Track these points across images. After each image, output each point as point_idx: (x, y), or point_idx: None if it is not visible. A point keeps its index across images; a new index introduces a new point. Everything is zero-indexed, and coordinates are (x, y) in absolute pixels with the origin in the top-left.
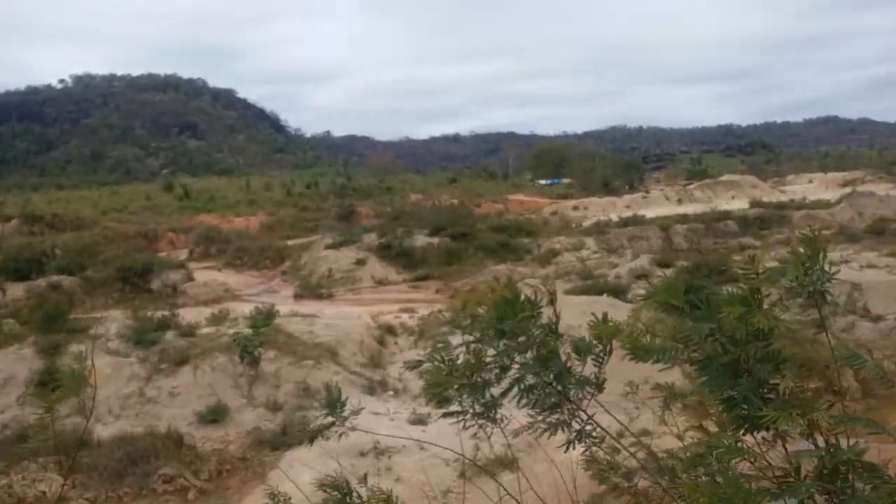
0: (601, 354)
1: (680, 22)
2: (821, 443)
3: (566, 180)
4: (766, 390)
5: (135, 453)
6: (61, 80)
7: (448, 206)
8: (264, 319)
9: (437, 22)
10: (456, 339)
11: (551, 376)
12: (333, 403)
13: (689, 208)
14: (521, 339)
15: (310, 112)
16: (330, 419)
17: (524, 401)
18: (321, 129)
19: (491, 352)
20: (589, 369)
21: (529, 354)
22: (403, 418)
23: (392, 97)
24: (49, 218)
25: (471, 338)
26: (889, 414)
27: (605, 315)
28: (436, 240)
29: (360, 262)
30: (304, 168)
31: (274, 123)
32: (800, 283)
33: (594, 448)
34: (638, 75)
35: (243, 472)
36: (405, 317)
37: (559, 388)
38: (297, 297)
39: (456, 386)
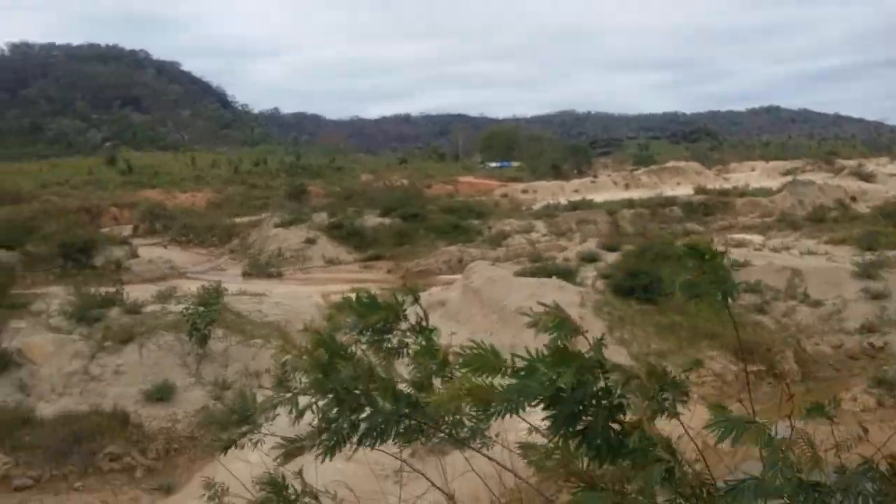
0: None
1: (625, 9)
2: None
3: (515, 163)
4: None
5: (80, 432)
6: None
7: (399, 187)
8: (213, 297)
9: None
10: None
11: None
12: (245, 412)
13: (635, 193)
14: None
15: (257, 88)
16: (245, 427)
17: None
18: (269, 105)
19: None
20: None
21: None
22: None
23: (341, 75)
24: None
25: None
26: (826, 397)
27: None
28: (387, 220)
29: (311, 242)
30: (252, 145)
31: (220, 98)
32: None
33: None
34: (585, 60)
35: (191, 450)
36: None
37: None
38: (246, 275)
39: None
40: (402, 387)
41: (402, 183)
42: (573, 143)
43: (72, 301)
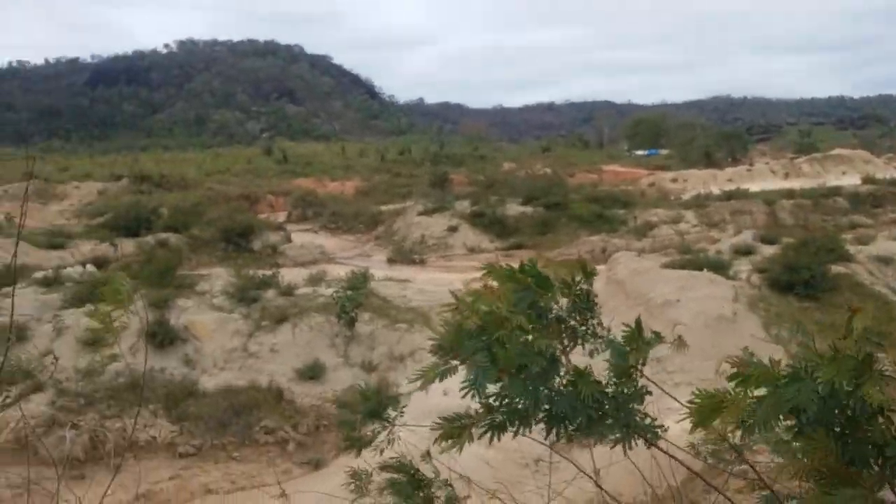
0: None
1: None
2: None
3: (664, 151)
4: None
5: (238, 405)
6: (166, 45)
7: (541, 176)
8: (360, 282)
9: None
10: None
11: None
12: (375, 411)
13: (796, 183)
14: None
15: (403, 78)
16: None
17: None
18: (414, 95)
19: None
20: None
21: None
22: None
23: (484, 64)
24: (156, 178)
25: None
26: None
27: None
28: (529, 209)
29: (453, 230)
30: (398, 135)
31: (369, 90)
32: None
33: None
34: (741, 43)
35: (340, 428)
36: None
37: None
38: (391, 261)
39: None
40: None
41: (545, 171)
42: (727, 129)
43: (233, 282)
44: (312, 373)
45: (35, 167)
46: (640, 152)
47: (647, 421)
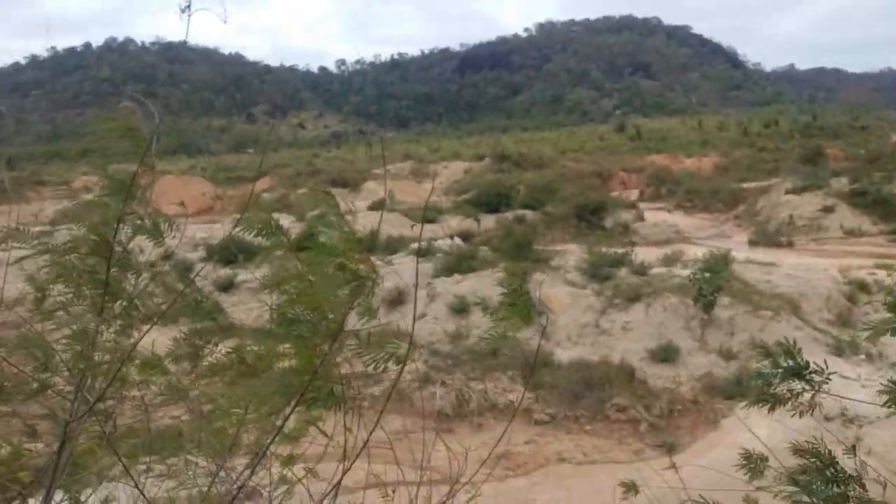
0: None
1: None
2: None
3: None
4: None
5: (590, 379)
6: (526, 29)
7: None
8: (720, 264)
9: None
10: None
11: None
12: (798, 370)
13: None
14: None
15: (771, 44)
16: (797, 385)
17: None
18: (783, 62)
19: None
20: None
21: None
22: (878, 387)
23: (872, 20)
24: (515, 157)
25: None
26: None
27: None
28: None
29: (827, 210)
30: (763, 105)
31: (731, 58)
32: None
33: None
34: None
35: (694, 415)
36: (881, 274)
37: None
38: (752, 243)
39: None
40: None
41: None
42: None
43: (585, 259)
44: (665, 354)
45: (411, 149)
46: None
47: None
